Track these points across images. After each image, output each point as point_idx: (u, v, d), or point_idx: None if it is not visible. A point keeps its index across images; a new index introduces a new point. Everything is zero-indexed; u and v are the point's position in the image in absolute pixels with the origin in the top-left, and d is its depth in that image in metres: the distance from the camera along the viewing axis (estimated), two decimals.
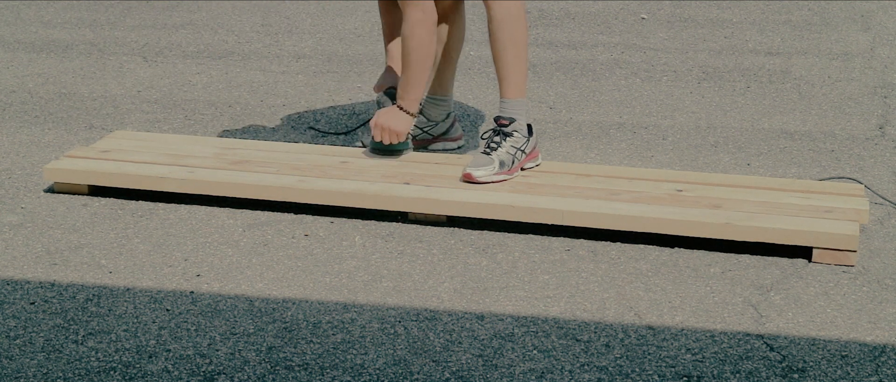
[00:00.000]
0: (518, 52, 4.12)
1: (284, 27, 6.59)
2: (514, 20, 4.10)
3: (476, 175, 4.06)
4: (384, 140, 4.26)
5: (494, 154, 4.10)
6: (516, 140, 4.13)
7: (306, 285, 3.60)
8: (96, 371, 3.11)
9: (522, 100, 4.15)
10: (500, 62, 4.14)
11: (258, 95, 5.43)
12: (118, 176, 4.20)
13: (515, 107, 4.15)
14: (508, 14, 4.10)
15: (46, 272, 3.68)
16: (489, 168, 4.07)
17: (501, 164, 4.09)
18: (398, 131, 4.23)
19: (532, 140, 4.18)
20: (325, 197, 4.05)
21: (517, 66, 4.12)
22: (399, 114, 4.23)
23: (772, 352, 3.23)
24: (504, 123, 4.14)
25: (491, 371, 3.12)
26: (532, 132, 4.19)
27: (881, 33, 6.45)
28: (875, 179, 4.43)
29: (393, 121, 4.23)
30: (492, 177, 4.07)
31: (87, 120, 5.09)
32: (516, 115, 4.15)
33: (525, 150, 4.14)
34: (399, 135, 4.24)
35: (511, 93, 4.14)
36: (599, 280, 3.65)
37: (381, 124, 4.24)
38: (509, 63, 4.12)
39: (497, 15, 4.10)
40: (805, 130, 4.98)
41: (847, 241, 3.72)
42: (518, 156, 4.12)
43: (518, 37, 4.11)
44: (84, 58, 5.99)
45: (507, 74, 4.13)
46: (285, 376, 3.09)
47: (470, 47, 6.19)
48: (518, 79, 4.13)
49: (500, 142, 4.12)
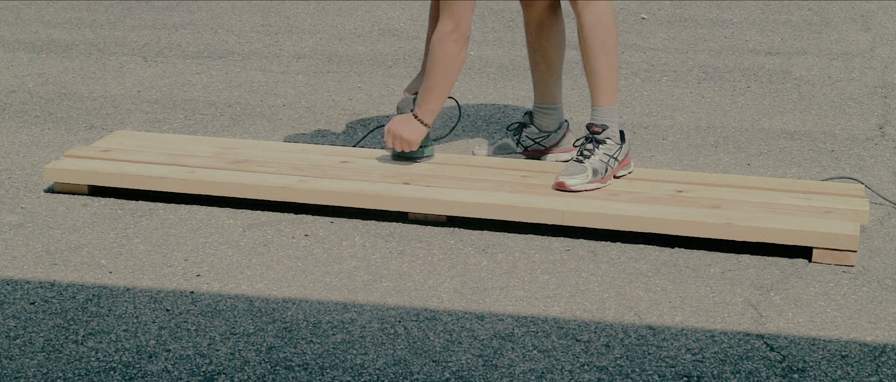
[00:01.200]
0: (609, 59, 4.04)
1: (284, 27, 6.59)
2: (604, 27, 4.02)
3: (569, 183, 3.98)
4: (396, 147, 4.20)
5: (587, 162, 4.01)
6: (609, 147, 4.05)
7: (306, 285, 3.60)
8: (96, 371, 3.11)
9: (614, 107, 4.07)
10: (590, 70, 4.05)
11: (258, 95, 5.43)
12: (118, 176, 4.19)
13: (607, 114, 4.07)
14: (599, 21, 4.02)
15: (46, 272, 3.68)
16: (582, 176, 3.99)
17: (594, 172, 4.00)
18: (410, 140, 4.16)
19: (625, 147, 4.09)
20: (325, 198, 4.05)
21: (608, 74, 4.04)
22: (413, 122, 4.16)
23: (772, 352, 3.23)
24: (596, 130, 4.06)
25: (491, 371, 3.12)
26: (624, 139, 4.11)
27: (881, 33, 6.45)
28: (875, 179, 4.43)
29: (406, 129, 4.16)
30: (585, 185, 3.99)
31: (87, 120, 5.09)
32: (609, 122, 4.07)
33: (618, 158, 4.06)
34: (410, 144, 4.17)
35: (602, 100, 4.07)
36: (599, 280, 3.65)
37: (393, 131, 4.17)
38: (600, 71, 4.04)
39: (587, 22, 4.02)
40: (805, 130, 4.98)
41: (847, 241, 3.72)
42: (611, 163, 4.04)
43: (608, 44, 4.04)
44: (84, 58, 5.99)
45: (598, 82, 4.05)
46: (285, 376, 3.09)
47: (470, 47, 6.19)
48: (609, 87, 4.05)
49: (593, 149, 4.04)
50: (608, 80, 4.05)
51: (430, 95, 4.10)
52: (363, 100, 5.37)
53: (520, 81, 5.63)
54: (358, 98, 5.40)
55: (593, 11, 4.02)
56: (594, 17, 4.02)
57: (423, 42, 6.29)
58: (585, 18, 4.02)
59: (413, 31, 6.52)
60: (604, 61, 4.04)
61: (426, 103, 4.11)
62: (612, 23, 4.04)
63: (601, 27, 4.02)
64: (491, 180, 4.12)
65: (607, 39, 4.03)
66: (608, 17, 4.03)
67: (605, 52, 4.03)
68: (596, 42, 4.03)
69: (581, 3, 4.03)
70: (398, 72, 5.78)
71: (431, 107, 4.12)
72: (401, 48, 6.19)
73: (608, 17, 4.03)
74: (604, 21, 4.02)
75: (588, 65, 4.06)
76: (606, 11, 4.03)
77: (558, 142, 4.47)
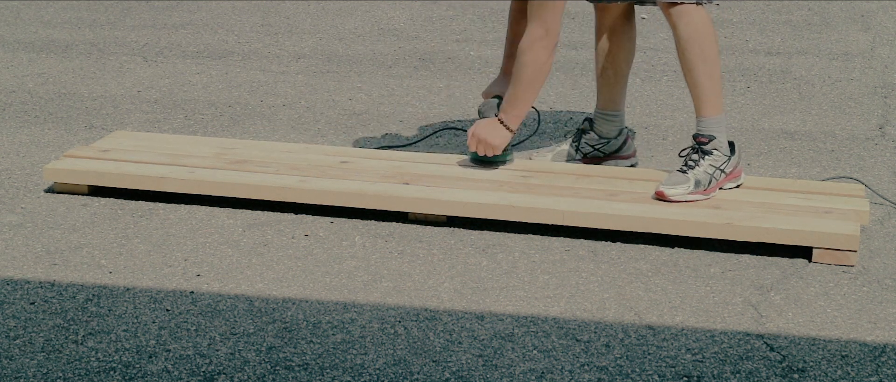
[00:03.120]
0: (709, 68, 3.94)
1: (284, 27, 6.59)
2: (702, 37, 3.93)
3: (669, 193, 3.90)
4: (479, 151, 4.14)
5: (691, 172, 3.93)
6: (716, 158, 3.95)
7: (306, 285, 3.60)
8: (96, 371, 3.11)
9: (720, 117, 3.98)
10: (691, 81, 3.96)
11: (258, 95, 5.43)
12: (118, 176, 4.19)
13: (713, 124, 3.98)
14: (695, 31, 3.93)
15: (46, 272, 3.68)
16: (684, 186, 3.91)
17: (697, 183, 3.92)
18: (495, 144, 4.09)
19: (734, 159, 3.99)
20: (325, 198, 4.05)
21: (710, 84, 3.95)
22: (498, 127, 4.09)
23: (772, 352, 3.23)
24: (703, 141, 3.96)
25: (491, 371, 3.12)
26: (735, 150, 4.01)
27: (881, 33, 6.45)
28: (875, 179, 4.43)
29: (491, 133, 4.09)
30: (686, 196, 3.90)
31: (87, 120, 5.08)
32: (715, 133, 3.97)
33: (725, 170, 3.97)
34: (495, 148, 4.10)
35: (707, 111, 3.97)
36: (599, 280, 3.65)
37: (478, 135, 4.11)
38: (702, 81, 3.94)
39: (683, 33, 3.93)
40: (805, 130, 4.98)
41: (848, 241, 3.72)
42: (716, 175, 3.95)
43: (708, 52, 3.94)
44: (84, 58, 5.99)
45: (701, 93, 3.95)
46: (285, 376, 3.09)
47: (470, 47, 6.19)
48: (713, 96, 3.96)
49: (698, 160, 3.95)
50: (711, 90, 3.95)
51: (518, 101, 4.03)
52: (363, 100, 5.37)
53: None
54: (358, 98, 5.40)
55: (689, 22, 3.92)
56: (690, 27, 3.92)
57: (422, 42, 6.29)
58: (681, 29, 3.93)
59: (413, 30, 6.52)
60: (704, 71, 3.94)
61: (512, 109, 4.05)
62: (709, 32, 3.94)
63: (698, 37, 3.93)
64: (491, 180, 4.12)
65: (706, 49, 3.93)
66: (705, 25, 3.93)
67: (705, 61, 3.94)
68: (694, 53, 3.93)
69: (674, 12, 3.93)
70: (398, 72, 5.79)
71: (518, 113, 4.06)
72: (401, 48, 6.19)
73: (705, 25, 3.93)
74: (701, 30, 3.93)
75: (688, 77, 3.96)
76: (703, 21, 3.93)
77: (618, 148, 4.39)
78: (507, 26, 4.35)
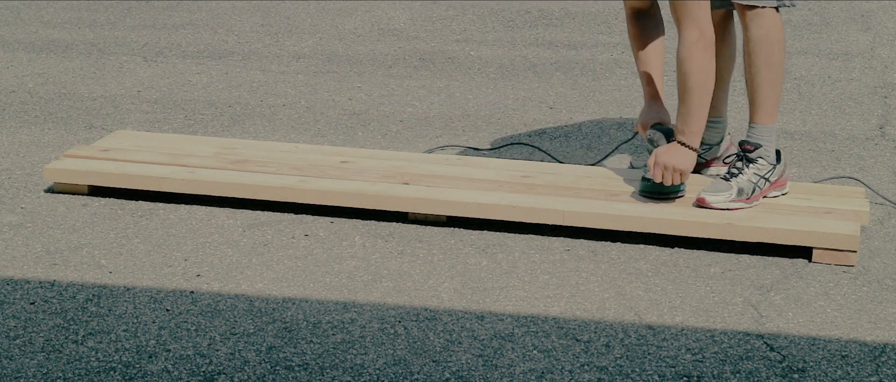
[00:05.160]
0: (772, 75, 3.88)
1: (284, 27, 6.59)
2: (772, 42, 3.86)
3: (710, 200, 3.86)
4: (666, 180, 3.88)
5: (734, 180, 3.88)
6: (760, 167, 3.91)
7: (306, 285, 3.60)
8: (96, 371, 3.11)
9: (772, 126, 3.93)
10: (752, 85, 3.90)
11: (258, 95, 5.43)
12: (118, 176, 4.19)
13: (764, 133, 3.93)
14: (766, 35, 3.85)
15: (46, 272, 3.68)
16: (725, 194, 3.86)
17: (740, 191, 3.87)
18: (683, 169, 3.87)
19: (779, 168, 3.95)
20: (325, 198, 4.05)
21: (770, 91, 3.89)
22: (681, 150, 3.87)
23: (772, 352, 3.23)
24: (749, 149, 3.92)
25: (491, 371, 3.12)
26: (781, 159, 3.97)
27: (881, 33, 6.45)
28: (875, 179, 4.43)
29: (676, 159, 3.86)
30: (727, 203, 3.86)
31: (87, 120, 5.08)
32: (763, 141, 3.93)
33: (769, 178, 3.93)
34: (684, 173, 3.88)
35: (760, 118, 3.92)
36: (599, 280, 3.65)
37: (663, 163, 3.87)
38: (762, 87, 3.89)
39: (754, 34, 3.86)
40: (805, 130, 4.98)
41: (848, 241, 3.72)
42: (761, 183, 3.90)
43: (774, 60, 3.87)
44: (84, 58, 5.99)
45: (759, 99, 3.90)
46: (285, 376, 3.09)
47: (470, 47, 6.19)
48: (769, 105, 3.90)
49: (742, 168, 3.90)
50: (769, 97, 3.90)
51: (692, 116, 3.85)
52: (363, 100, 5.37)
53: (520, 81, 5.63)
54: (358, 98, 5.40)
55: (761, 25, 3.86)
56: (762, 30, 3.86)
57: (422, 42, 6.29)
58: (752, 31, 3.87)
59: (413, 30, 6.52)
60: (767, 77, 3.89)
61: (688, 126, 3.86)
62: (779, 38, 3.87)
63: (768, 41, 3.87)
64: (491, 180, 4.12)
65: (773, 55, 3.87)
66: (777, 31, 3.87)
67: (770, 67, 3.88)
68: (761, 57, 3.87)
69: (750, 14, 3.87)
70: (398, 72, 5.78)
71: (696, 130, 3.87)
72: (401, 48, 6.19)
73: (777, 31, 3.87)
74: (772, 35, 3.87)
75: (750, 80, 3.91)
76: (775, 25, 3.87)
77: (720, 155, 4.32)
78: (634, 58, 4.22)
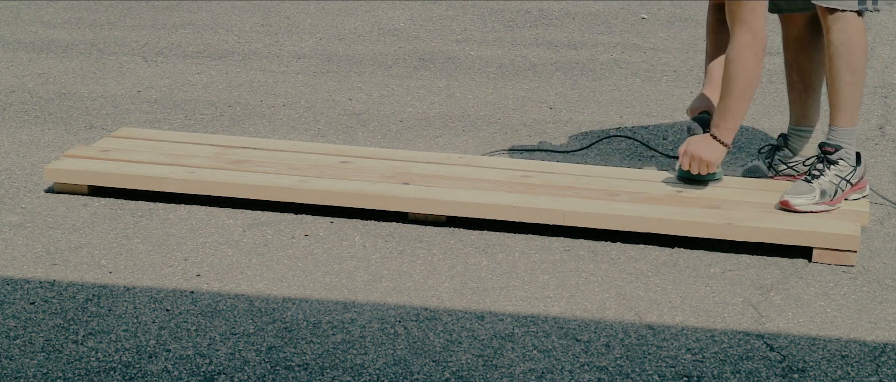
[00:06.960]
0: (854, 79, 3.87)
1: (284, 27, 6.59)
2: (854, 46, 3.85)
3: (794, 202, 3.85)
4: (693, 169, 4.00)
5: (816, 182, 3.89)
6: (841, 169, 3.91)
7: (306, 285, 3.60)
8: (96, 371, 3.11)
9: (852, 129, 3.92)
10: (833, 88, 3.89)
11: (258, 95, 5.43)
12: (118, 176, 4.19)
13: (844, 135, 3.93)
14: (848, 39, 3.84)
15: (46, 272, 3.68)
16: (809, 196, 3.86)
17: (823, 193, 3.87)
18: (709, 161, 3.97)
19: (859, 170, 3.95)
20: (325, 198, 4.05)
21: (851, 95, 3.88)
22: (712, 143, 3.96)
23: (772, 352, 3.23)
24: (829, 150, 3.92)
25: (491, 371, 3.12)
26: (861, 161, 3.97)
27: (881, 33, 6.45)
28: (875, 179, 4.43)
29: (705, 150, 3.96)
30: (811, 206, 3.86)
31: (87, 120, 5.08)
32: (844, 143, 3.93)
33: (851, 180, 3.92)
34: (710, 165, 3.98)
35: (841, 121, 3.91)
36: (599, 280, 3.65)
37: (691, 152, 3.98)
38: (843, 91, 3.88)
39: (835, 38, 3.84)
40: None
41: (848, 241, 3.73)
42: (842, 185, 3.90)
43: (856, 63, 3.86)
44: (84, 58, 5.99)
45: (840, 102, 3.89)
46: (285, 376, 3.09)
47: (470, 47, 6.19)
48: (850, 108, 3.90)
49: (823, 169, 3.91)
50: (850, 101, 3.90)
51: (730, 114, 3.90)
52: (363, 100, 5.37)
53: (520, 81, 5.63)
54: (358, 98, 5.40)
55: (843, 28, 3.84)
56: (843, 34, 3.85)
57: (422, 42, 6.29)
58: (834, 34, 3.85)
59: (413, 30, 6.52)
60: (848, 81, 3.88)
61: (725, 122, 3.91)
62: (861, 42, 3.86)
63: (850, 45, 3.85)
64: (491, 180, 4.12)
65: (855, 59, 3.86)
66: (859, 35, 3.85)
67: (851, 71, 3.86)
68: (842, 61, 3.85)
69: (830, 18, 3.85)
70: (398, 72, 5.79)
71: (731, 127, 3.92)
72: (401, 48, 6.19)
73: (859, 35, 3.85)
74: (854, 39, 3.86)
75: (831, 84, 3.90)
76: (858, 29, 3.85)
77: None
78: (706, 45, 4.24)
